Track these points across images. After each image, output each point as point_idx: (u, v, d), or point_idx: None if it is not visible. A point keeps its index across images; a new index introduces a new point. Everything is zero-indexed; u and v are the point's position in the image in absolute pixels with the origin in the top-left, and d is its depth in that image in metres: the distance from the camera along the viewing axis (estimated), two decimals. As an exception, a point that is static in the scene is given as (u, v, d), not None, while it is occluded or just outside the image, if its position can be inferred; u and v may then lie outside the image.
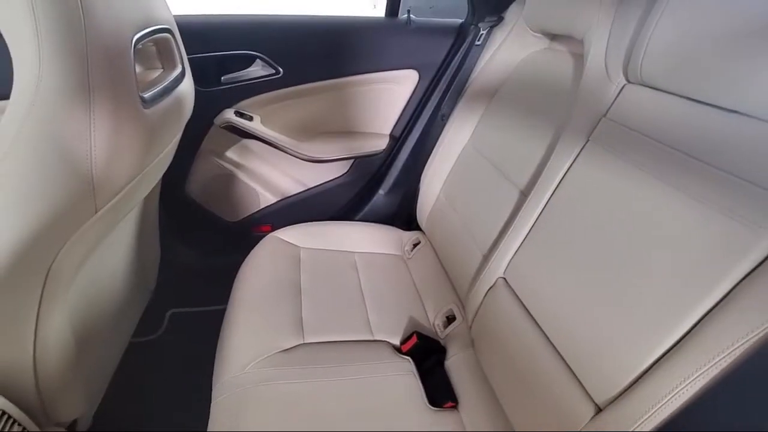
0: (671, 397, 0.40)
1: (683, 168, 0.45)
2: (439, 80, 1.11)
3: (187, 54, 0.75)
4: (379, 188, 1.22)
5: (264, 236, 1.02)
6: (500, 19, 0.96)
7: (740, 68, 0.41)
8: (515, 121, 0.83)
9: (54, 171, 0.47)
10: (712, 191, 0.43)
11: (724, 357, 0.38)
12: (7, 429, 0.56)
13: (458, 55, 1.05)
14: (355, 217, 1.23)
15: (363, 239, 1.09)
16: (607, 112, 0.58)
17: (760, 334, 0.36)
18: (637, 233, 0.49)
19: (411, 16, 1.11)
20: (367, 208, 1.23)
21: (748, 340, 0.36)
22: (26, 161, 0.46)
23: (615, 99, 0.58)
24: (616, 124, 0.56)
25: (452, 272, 0.93)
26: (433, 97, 1.13)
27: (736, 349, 0.37)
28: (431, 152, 1.08)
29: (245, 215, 1.21)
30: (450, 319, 0.88)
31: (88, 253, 0.56)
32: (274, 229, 1.05)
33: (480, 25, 0.99)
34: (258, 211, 1.21)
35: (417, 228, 1.13)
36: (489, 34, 0.97)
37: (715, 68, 0.44)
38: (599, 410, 0.48)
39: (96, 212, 0.50)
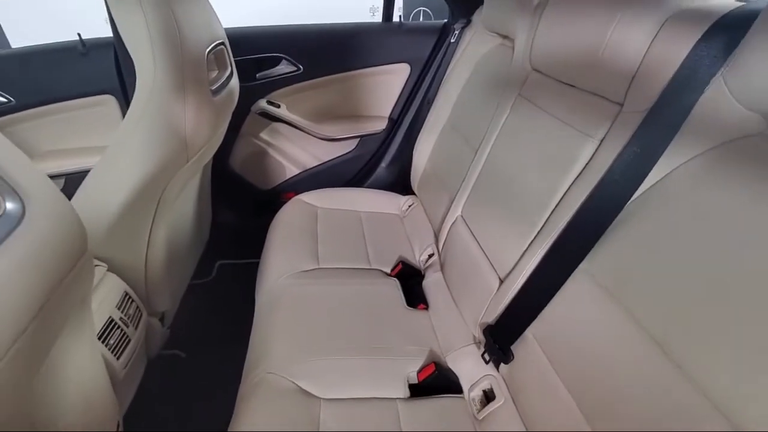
0: (531, 261, 0.67)
1: (549, 124, 0.71)
2: (427, 72, 1.37)
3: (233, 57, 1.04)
4: (381, 161, 1.50)
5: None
6: (469, 22, 1.21)
7: (576, 59, 0.66)
8: (475, 102, 1.09)
9: (164, 135, 0.77)
10: (563, 139, 0.68)
11: (558, 230, 0.63)
12: (129, 306, 0.88)
13: (441, 51, 1.31)
14: (363, 185, 1.51)
15: (367, 202, 1.37)
16: (521, 90, 0.84)
17: (575, 211, 0.61)
18: (522, 164, 0.76)
19: (402, 19, 1.38)
20: (372, 178, 1.51)
21: (570, 219, 0.62)
22: (148, 129, 0.77)
23: (525, 81, 0.83)
24: (524, 99, 0.82)
25: (432, 221, 1.20)
26: (423, 86, 1.39)
27: (564, 224, 0.63)
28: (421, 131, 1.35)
29: (275, 184, 1.51)
30: (431, 256, 1.16)
31: (180, 190, 0.87)
32: (297, 194, 1.34)
33: (455, 26, 1.24)
34: (285, 180, 1.51)
35: (412, 193, 1.40)
36: (461, 33, 1.22)
37: (565, 58, 0.69)
38: (502, 282, 0.75)
39: (187, 162, 0.81)
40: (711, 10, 0.50)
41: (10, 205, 0.36)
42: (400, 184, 1.49)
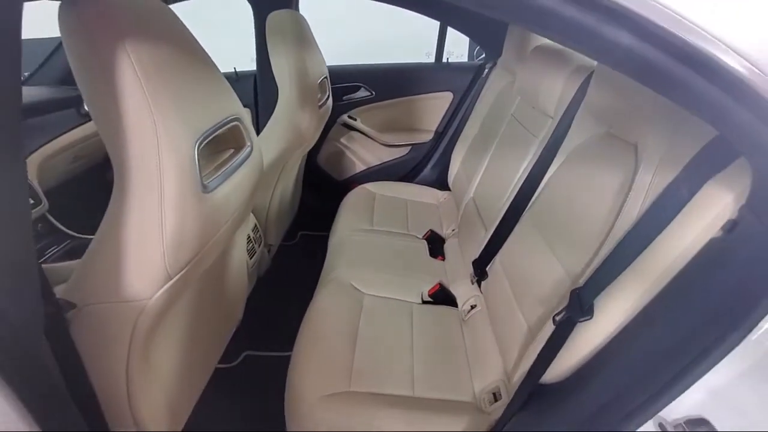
0: (501, 214, 1.08)
1: (520, 131, 1.13)
2: (465, 98, 1.83)
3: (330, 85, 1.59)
4: (428, 164, 1.96)
5: (357, 189, 1.83)
6: (495, 63, 1.66)
7: (532, 91, 1.08)
8: (493, 121, 1.51)
9: (291, 129, 1.31)
10: (524, 141, 1.09)
11: (515, 194, 1.04)
12: (257, 232, 1.41)
13: (476, 83, 1.76)
14: (412, 181, 1.98)
15: (414, 193, 1.83)
16: (513, 111, 1.26)
17: (523, 181, 1.02)
18: (505, 158, 1.17)
19: (449, 60, 1.86)
20: (419, 176, 1.98)
21: (520, 186, 1.03)
22: (284, 126, 1.31)
23: (516, 105, 1.25)
24: (513, 118, 1.24)
25: (458, 206, 1.63)
26: (462, 109, 1.85)
27: (517, 191, 1.03)
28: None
29: (347, 176, 2.04)
30: (453, 230, 1.58)
31: (293, 165, 1.41)
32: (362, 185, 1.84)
33: (487, 65, 1.69)
34: (354, 174, 2.03)
35: (448, 189, 1.84)
36: (490, 71, 1.67)
37: (529, 91, 1.11)
38: (486, 230, 1.16)
39: (301, 146, 1.34)
40: (591, 66, 0.91)
41: (248, 143, 0.88)
42: (441, 182, 1.94)
